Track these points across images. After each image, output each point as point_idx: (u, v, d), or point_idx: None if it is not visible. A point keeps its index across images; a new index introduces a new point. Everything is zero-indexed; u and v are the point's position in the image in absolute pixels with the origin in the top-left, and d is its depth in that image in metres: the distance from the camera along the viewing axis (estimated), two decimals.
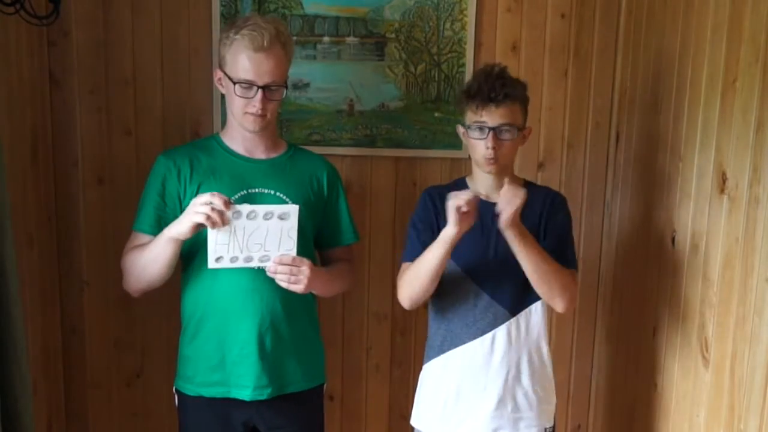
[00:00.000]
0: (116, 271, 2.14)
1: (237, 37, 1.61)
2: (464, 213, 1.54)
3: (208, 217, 1.51)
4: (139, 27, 2.08)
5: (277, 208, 1.58)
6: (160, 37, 2.10)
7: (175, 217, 1.63)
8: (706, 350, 1.66)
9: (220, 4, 2.08)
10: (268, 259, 1.60)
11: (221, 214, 1.52)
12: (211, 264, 1.57)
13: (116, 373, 2.22)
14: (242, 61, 1.61)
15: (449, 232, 1.58)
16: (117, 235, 2.14)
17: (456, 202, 1.54)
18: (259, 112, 1.64)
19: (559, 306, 1.68)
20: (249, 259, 1.59)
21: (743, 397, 1.48)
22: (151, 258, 1.64)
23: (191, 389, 1.75)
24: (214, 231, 1.54)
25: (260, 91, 1.62)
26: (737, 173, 1.52)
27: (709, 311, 1.65)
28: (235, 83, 1.62)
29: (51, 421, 2.09)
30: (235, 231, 1.55)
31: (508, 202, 1.55)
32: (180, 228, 1.56)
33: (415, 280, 1.67)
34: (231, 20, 1.86)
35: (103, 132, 2.10)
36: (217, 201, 1.52)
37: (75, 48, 2.07)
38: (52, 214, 2.10)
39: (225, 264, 1.58)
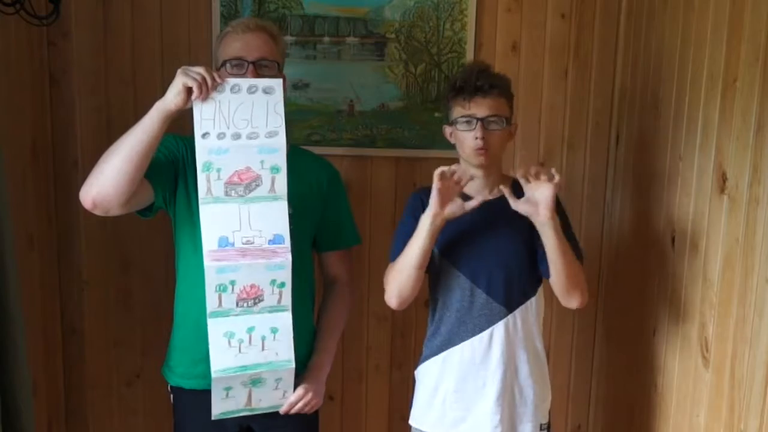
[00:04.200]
0: (116, 271, 2.18)
1: (224, 31, 1.68)
2: (445, 189, 1.56)
3: (200, 85, 1.47)
4: (139, 27, 2.09)
5: (260, 81, 1.55)
6: (160, 37, 2.10)
7: (168, 163, 1.63)
8: (706, 350, 1.66)
9: (220, 4, 2.08)
10: (257, 137, 1.55)
11: (210, 85, 1.49)
12: (198, 141, 1.52)
13: (116, 373, 2.22)
14: (230, 43, 1.64)
15: (429, 213, 1.58)
16: (117, 236, 2.15)
17: (439, 170, 1.55)
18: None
19: (576, 302, 1.68)
20: (237, 135, 1.53)
21: (743, 397, 1.48)
22: (129, 137, 1.50)
23: (174, 380, 1.75)
24: (199, 105, 1.50)
25: (251, 65, 1.61)
26: (737, 173, 1.52)
27: (709, 311, 1.65)
28: (225, 62, 1.63)
29: (51, 421, 2.09)
30: (219, 105, 1.52)
31: (540, 194, 1.56)
32: (170, 92, 1.49)
33: (399, 273, 1.66)
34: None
35: (103, 132, 2.10)
36: (209, 77, 1.49)
37: (75, 48, 2.07)
38: (52, 214, 2.10)
39: (212, 142, 1.52)
